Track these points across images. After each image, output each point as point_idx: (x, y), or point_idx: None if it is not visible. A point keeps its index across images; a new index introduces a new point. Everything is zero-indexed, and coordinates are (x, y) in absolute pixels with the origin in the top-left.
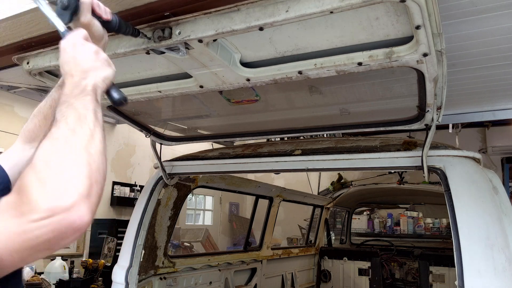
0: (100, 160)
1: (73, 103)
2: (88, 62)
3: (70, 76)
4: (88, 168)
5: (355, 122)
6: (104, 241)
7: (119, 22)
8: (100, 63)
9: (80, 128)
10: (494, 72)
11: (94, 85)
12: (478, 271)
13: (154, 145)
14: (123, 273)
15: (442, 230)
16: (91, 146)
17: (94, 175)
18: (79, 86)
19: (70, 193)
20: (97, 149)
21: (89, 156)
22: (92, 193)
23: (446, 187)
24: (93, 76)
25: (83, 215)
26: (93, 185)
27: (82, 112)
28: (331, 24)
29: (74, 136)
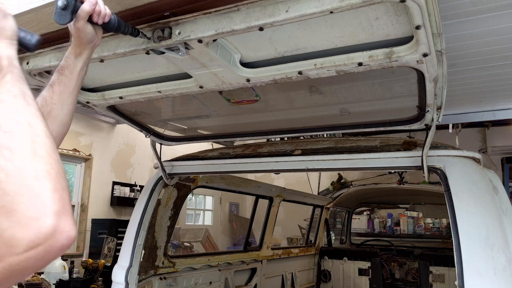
0: (55, 160)
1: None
2: None
3: None
4: (49, 177)
5: (355, 122)
6: (104, 241)
7: (118, 22)
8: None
9: (17, 126)
10: (494, 72)
11: (9, 56)
12: (478, 271)
13: (154, 145)
14: (123, 273)
15: (442, 230)
16: (39, 147)
17: (58, 182)
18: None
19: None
20: (47, 147)
21: (43, 161)
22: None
23: (446, 187)
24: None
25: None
26: (63, 194)
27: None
28: (331, 24)
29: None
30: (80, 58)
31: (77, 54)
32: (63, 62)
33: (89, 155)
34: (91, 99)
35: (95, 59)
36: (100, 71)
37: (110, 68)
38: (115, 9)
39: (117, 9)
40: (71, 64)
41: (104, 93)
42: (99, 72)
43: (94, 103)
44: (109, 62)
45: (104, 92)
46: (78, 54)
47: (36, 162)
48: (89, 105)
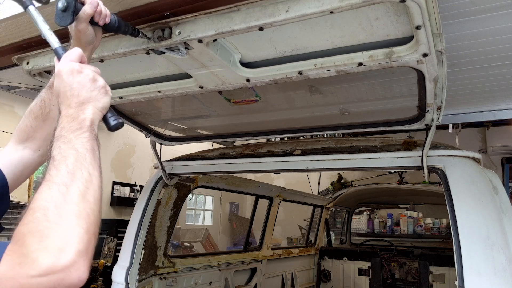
0: (97, 208)
1: (71, 140)
2: (85, 92)
3: (66, 106)
4: (87, 220)
5: (355, 122)
6: (104, 241)
7: (118, 22)
8: (97, 92)
9: (80, 172)
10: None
11: (92, 119)
12: (478, 271)
13: (154, 145)
14: (123, 273)
15: (442, 230)
16: (90, 193)
17: (92, 227)
18: (76, 120)
19: (69, 251)
20: (95, 196)
21: (88, 205)
22: (89, 248)
23: (446, 187)
24: (91, 109)
25: (81, 274)
26: (91, 239)
27: (81, 152)
28: (331, 24)
29: (74, 182)
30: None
31: None
32: None
33: None
34: None
35: (95, 59)
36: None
37: (110, 68)
38: (115, 9)
39: (117, 9)
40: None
41: None
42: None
43: None
44: (109, 62)
45: None
46: None
47: (82, 203)
48: None
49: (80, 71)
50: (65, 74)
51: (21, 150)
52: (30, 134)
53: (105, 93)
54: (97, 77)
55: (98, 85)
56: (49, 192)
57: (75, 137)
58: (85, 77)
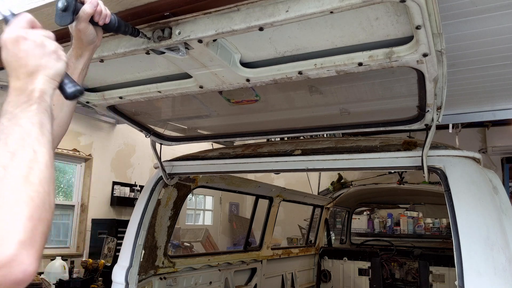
0: (45, 190)
1: (16, 114)
2: (33, 60)
3: (15, 78)
4: (31, 204)
5: (355, 122)
6: (104, 241)
7: (118, 22)
8: (47, 59)
9: (22, 150)
10: (494, 72)
11: (42, 90)
12: (478, 271)
13: (154, 145)
14: (123, 273)
15: (442, 230)
16: (34, 173)
17: (37, 212)
18: (24, 92)
19: (9, 243)
20: (42, 176)
21: (32, 188)
22: (36, 236)
23: (446, 187)
24: (41, 78)
25: (26, 268)
26: (37, 225)
27: (26, 127)
28: (331, 24)
29: (14, 162)
30: (81, 59)
31: (78, 56)
32: None
33: (89, 155)
34: (91, 99)
35: (95, 59)
36: (100, 71)
37: (110, 68)
38: (115, 9)
39: (117, 9)
40: (72, 66)
41: (104, 93)
42: (99, 72)
43: (94, 103)
44: (109, 62)
45: (104, 92)
46: (79, 55)
47: (23, 186)
48: (89, 105)
49: (25, 37)
50: (10, 43)
51: None
52: None
53: (58, 59)
54: (46, 41)
55: (47, 50)
56: None
57: (21, 111)
58: (31, 43)
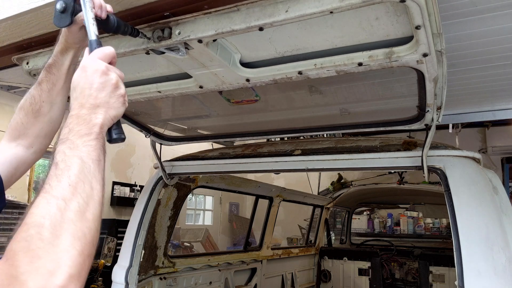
0: (95, 227)
1: (77, 146)
2: (104, 96)
3: (79, 105)
4: (83, 241)
5: (355, 122)
6: (104, 241)
7: (118, 22)
8: (115, 100)
9: (82, 186)
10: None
11: (102, 126)
12: (478, 271)
13: (154, 145)
14: (123, 273)
15: (442, 230)
16: (90, 210)
17: (87, 248)
18: (86, 124)
19: (61, 275)
20: (95, 213)
21: (86, 224)
22: (82, 271)
23: (446, 187)
24: (104, 115)
25: None
26: (86, 261)
27: (86, 162)
28: (331, 24)
29: (74, 196)
30: (66, 55)
31: (63, 52)
32: (51, 60)
33: None
34: None
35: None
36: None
37: None
38: (115, 9)
39: (117, 9)
40: (58, 62)
41: None
42: None
43: None
44: None
45: None
46: (63, 51)
47: (80, 222)
48: None
49: (106, 72)
50: (90, 70)
51: (14, 147)
52: (21, 131)
53: (123, 103)
54: (120, 84)
55: (118, 92)
56: (47, 207)
57: (82, 143)
58: (109, 80)
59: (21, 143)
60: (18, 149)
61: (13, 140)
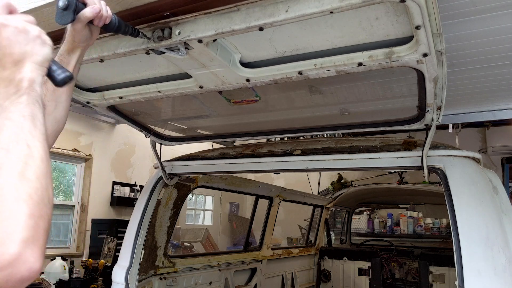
0: (43, 185)
1: (6, 107)
2: (17, 47)
3: (1, 68)
4: (29, 202)
5: (355, 122)
6: (104, 241)
7: (119, 22)
8: (32, 45)
9: (16, 146)
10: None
11: (31, 78)
12: (478, 271)
13: (154, 145)
14: (123, 273)
15: (442, 230)
16: (30, 169)
17: (37, 209)
18: (12, 82)
19: (12, 242)
20: (38, 171)
21: (29, 184)
22: (38, 234)
23: (446, 187)
24: (28, 66)
25: (31, 266)
26: (38, 222)
27: (17, 121)
28: (331, 24)
29: (8, 159)
30: (73, 55)
31: (70, 51)
32: (56, 59)
33: (89, 155)
34: (91, 99)
35: (95, 59)
36: (100, 71)
37: (110, 68)
38: (115, 9)
39: (117, 9)
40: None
41: (104, 93)
42: (99, 72)
43: (94, 103)
44: (109, 62)
45: (104, 92)
46: (70, 50)
47: (20, 183)
48: (89, 105)
49: (5, 24)
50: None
51: None
52: None
53: (43, 43)
54: (28, 26)
55: (31, 35)
56: None
57: (11, 103)
58: (13, 29)
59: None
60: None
61: None
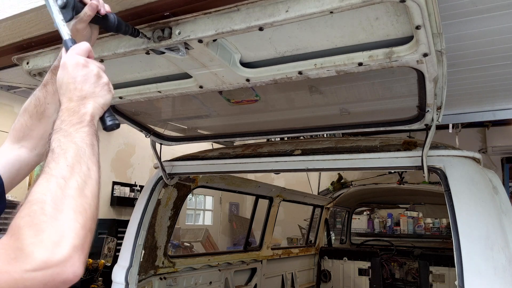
0: (94, 204)
1: (71, 133)
2: (88, 87)
3: (68, 99)
4: (84, 215)
5: (355, 122)
6: (104, 241)
7: (119, 22)
8: (100, 89)
9: (79, 166)
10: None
11: (93, 114)
12: (478, 271)
13: (154, 145)
14: (123, 273)
15: (442, 230)
16: (88, 188)
17: (88, 223)
18: (77, 114)
19: (65, 246)
20: (93, 191)
21: (86, 200)
22: (86, 244)
23: (446, 187)
24: (92, 104)
25: (76, 270)
26: (87, 234)
27: (80, 146)
28: (331, 24)
29: (72, 175)
30: None
31: None
32: (56, 62)
33: None
34: None
35: (95, 59)
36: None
37: (110, 68)
38: (115, 9)
39: (117, 9)
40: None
41: None
42: None
43: None
44: (109, 62)
45: None
46: None
47: (80, 198)
48: None
49: (85, 65)
50: (70, 66)
51: (17, 149)
52: (25, 133)
53: (108, 91)
54: (101, 73)
55: (102, 81)
56: (47, 185)
57: (75, 130)
58: (90, 72)
59: (24, 145)
60: (22, 151)
61: (17, 142)
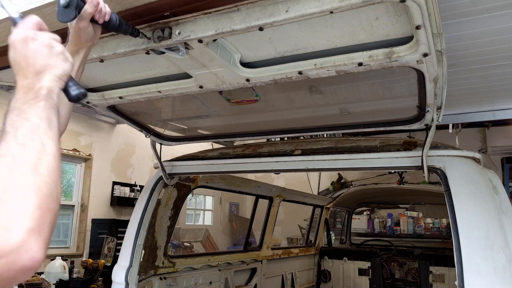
0: (53, 181)
1: (25, 110)
2: (41, 60)
3: (22, 77)
4: (39, 194)
5: (355, 122)
6: (104, 241)
7: (119, 21)
8: (54, 59)
9: (31, 142)
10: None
11: (49, 88)
12: (478, 271)
13: (154, 145)
14: (123, 273)
15: (442, 230)
16: (43, 164)
17: (46, 201)
18: (32, 90)
19: (17, 229)
20: (50, 167)
21: (40, 178)
22: (43, 225)
23: (446, 187)
24: (48, 77)
25: (34, 255)
26: (45, 214)
27: (34, 121)
28: (331, 24)
29: (23, 153)
30: (77, 57)
31: (74, 53)
32: None
33: (89, 155)
34: (91, 99)
35: (95, 59)
36: (100, 71)
37: (110, 68)
38: (115, 9)
39: (117, 9)
40: None
41: (104, 93)
42: (99, 72)
43: (94, 103)
44: (109, 62)
45: (104, 92)
46: (75, 52)
47: (32, 176)
48: (89, 105)
49: (34, 38)
50: (18, 43)
51: None
52: None
53: (64, 60)
54: (54, 43)
55: (55, 51)
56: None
57: (29, 107)
58: (40, 44)
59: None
60: None
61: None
